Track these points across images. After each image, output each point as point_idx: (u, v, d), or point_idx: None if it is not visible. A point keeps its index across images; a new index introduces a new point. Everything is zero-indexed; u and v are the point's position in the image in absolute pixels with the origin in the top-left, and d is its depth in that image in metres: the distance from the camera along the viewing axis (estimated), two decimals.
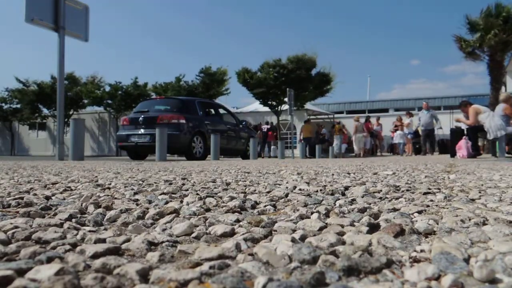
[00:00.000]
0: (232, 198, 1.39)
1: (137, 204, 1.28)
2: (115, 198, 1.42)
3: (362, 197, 1.45)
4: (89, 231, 0.87)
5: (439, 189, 1.74)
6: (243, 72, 20.67)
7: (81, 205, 1.24)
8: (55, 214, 1.07)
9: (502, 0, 16.75)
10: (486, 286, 0.51)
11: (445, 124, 20.61)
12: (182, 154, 9.29)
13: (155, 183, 2.09)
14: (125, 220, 0.99)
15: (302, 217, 1.04)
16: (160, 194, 1.53)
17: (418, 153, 14.42)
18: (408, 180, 2.28)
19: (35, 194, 1.51)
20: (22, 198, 1.34)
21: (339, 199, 1.37)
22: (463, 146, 8.07)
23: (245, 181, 2.26)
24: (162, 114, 8.77)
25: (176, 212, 1.12)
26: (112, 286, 0.51)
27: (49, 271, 0.53)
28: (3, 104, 29.56)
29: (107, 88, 25.77)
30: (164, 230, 0.89)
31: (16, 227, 0.87)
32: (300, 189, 1.75)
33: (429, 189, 1.71)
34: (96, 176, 2.58)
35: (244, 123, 11.49)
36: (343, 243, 0.75)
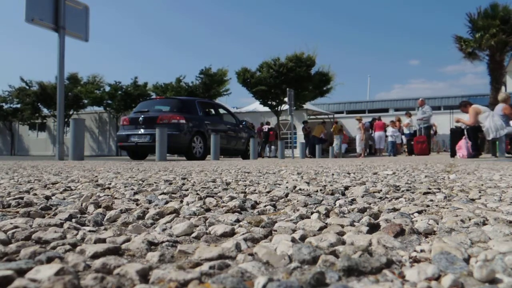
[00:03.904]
0: (232, 198, 1.39)
1: (137, 204, 1.28)
2: (115, 198, 1.42)
3: (362, 197, 1.45)
4: (89, 231, 0.87)
5: (439, 189, 1.74)
6: (243, 72, 20.67)
7: (81, 205, 1.24)
8: (55, 214, 1.07)
9: (498, 0, 16.79)
10: (486, 286, 0.51)
11: (445, 124, 20.63)
12: (182, 154, 9.30)
13: (155, 183, 2.09)
14: (125, 220, 0.99)
15: (302, 217, 1.04)
16: (160, 194, 1.53)
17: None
18: (408, 180, 2.28)
19: (35, 194, 1.51)
20: (22, 198, 1.34)
21: (339, 199, 1.37)
22: (463, 146, 8.07)
23: (245, 181, 2.26)
24: (162, 114, 8.78)
25: (176, 212, 1.12)
26: (112, 286, 0.51)
27: (49, 271, 0.53)
28: (3, 104, 29.56)
29: (107, 88, 25.78)
30: (164, 230, 0.89)
31: (16, 227, 0.87)
32: (300, 189, 1.75)
33: (429, 189, 1.71)
34: (96, 176, 2.58)
35: (244, 123, 11.49)
36: (343, 243, 0.75)
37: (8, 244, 0.73)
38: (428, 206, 1.22)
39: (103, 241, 0.77)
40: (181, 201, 1.35)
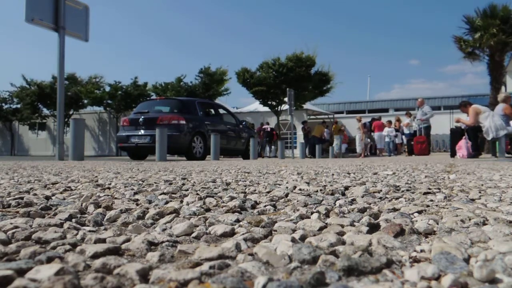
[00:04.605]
0: (232, 198, 1.39)
1: (137, 204, 1.28)
2: (115, 198, 1.42)
3: (362, 197, 1.45)
4: (89, 231, 0.87)
5: (439, 189, 1.74)
6: (243, 72, 20.68)
7: (81, 205, 1.24)
8: (55, 214, 1.07)
9: (497, 0, 16.86)
10: (486, 286, 0.51)
11: (445, 124, 20.64)
12: (182, 154, 9.30)
13: (155, 183, 2.09)
14: (125, 220, 0.99)
15: (302, 217, 1.04)
16: (160, 194, 1.53)
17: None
18: (408, 180, 2.28)
19: (35, 194, 1.51)
20: (22, 198, 1.34)
21: (339, 199, 1.37)
22: (463, 146, 8.07)
23: (245, 181, 2.26)
24: (162, 115, 8.78)
25: (176, 212, 1.12)
26: (112, 286, 0.51)
27: (49, 271, 0.53)
28: (3, 104, 29.55)
29: (107, 88, 25.78)
30: (164, 230, 0.89)
31: (16, 227, 0.87)
32: (300, 189, 1.75)
33: (429, 189, 1.71)
34: (96, 176, 2.58)
35: (244, 123, 11.50)
36: (343, 243, 0.75)
37: (8, 244, 0.73)
38: (428, 206, 1.22)
39: (103, 241, 0.77)
40: (181, 201, 1.35)
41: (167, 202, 1.31)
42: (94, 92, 25.30)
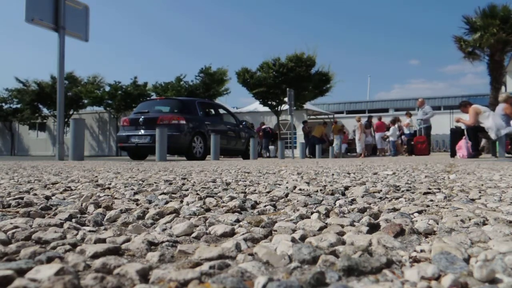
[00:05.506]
0: (232, 198, 1.39)
1: (137, 204, 1.28)
2: (115, 198, 1.42)
3: (362, 197, 1.45)
4: (89, 231, 0.87)
5: (439, 189, 1.74)
6: (243, 72, 20.67)
7: (81, 205, 1.24)
8: (55, 214, 1.07)
9: (496, 0, 16.87)
10: (486, 286, 0.51)
11: (445, 124, 20.64)
12: (182, 154, 9.31)
13: (155, 183, 2.09)
14: (125, 220, 0.99)
15: (302, 217, 1.04)
16: (160, 194, 1.53)
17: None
18: (408, 180, 2.28)
19: (35, 194, 1.51)
20: (22, 198, 1.34)
21: (339, 199, 1.37)
22: (463, 146, 8.07)
23: (245, 181, 2.25)
24: (162, 115, 8.79)
25: (176, 212, 1.12)
26: (112, 286, 0.51)
27: (49, 271, 0.53)
28: (3, 104, 29.55)
29: (107, 88, 25.78)
30: (164, 230, 0.89)
31: (16, 227, 0.87)
32: (300, 189, 1.75)
33: (429, 189, 1.71)
34: (96, 176, 2.58)
35: (244, 123, 11.50)
36: (343, 243, 0.75)
37: (8, 244, 0.73)
38: (428, 206, 1.22)
39: (103, 241, 0.77)
40: (181, 201, 1.35)
41: (167, 202, 1.31)
42: (94, 92, 25.30)
